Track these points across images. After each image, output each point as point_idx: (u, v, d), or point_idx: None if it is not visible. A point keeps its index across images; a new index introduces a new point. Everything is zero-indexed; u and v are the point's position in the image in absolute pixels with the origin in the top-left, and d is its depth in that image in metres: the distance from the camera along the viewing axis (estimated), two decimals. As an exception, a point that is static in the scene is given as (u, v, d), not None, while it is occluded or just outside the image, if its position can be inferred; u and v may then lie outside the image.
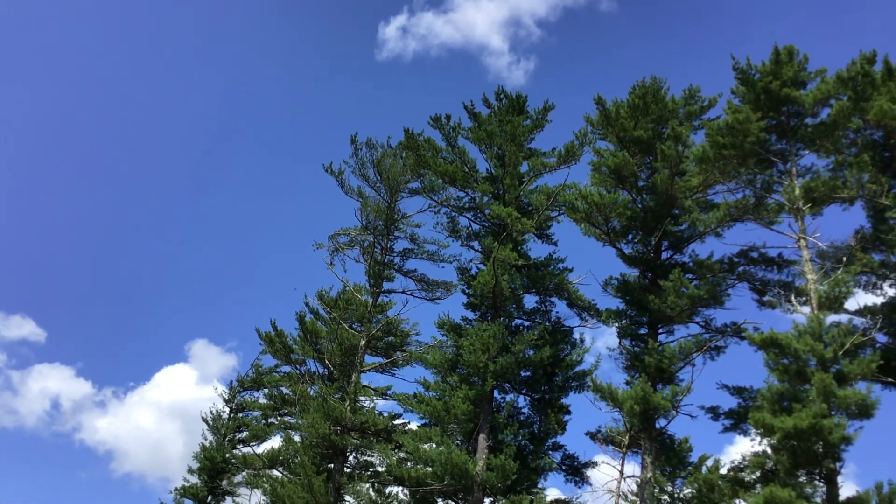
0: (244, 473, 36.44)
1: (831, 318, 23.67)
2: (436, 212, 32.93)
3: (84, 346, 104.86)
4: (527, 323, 30.76)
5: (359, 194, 34.11)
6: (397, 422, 32.66)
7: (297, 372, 35.31)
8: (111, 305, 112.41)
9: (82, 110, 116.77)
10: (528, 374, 29.13)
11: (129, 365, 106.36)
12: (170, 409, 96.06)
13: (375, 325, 33.25)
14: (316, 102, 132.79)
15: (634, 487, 29.57)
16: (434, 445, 26.73)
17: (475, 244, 31.87)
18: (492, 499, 27.37)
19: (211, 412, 41.01)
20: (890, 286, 25.71)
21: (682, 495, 26.84)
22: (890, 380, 23.98)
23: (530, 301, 31.05)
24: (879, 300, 26.00)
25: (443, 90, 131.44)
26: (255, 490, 35.13)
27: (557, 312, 30.87)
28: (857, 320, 25.27)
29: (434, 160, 30.53)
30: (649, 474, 25.91)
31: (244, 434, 40.47)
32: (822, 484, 22.14)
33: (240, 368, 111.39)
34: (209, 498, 38.43)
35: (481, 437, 27.11)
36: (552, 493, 35.76)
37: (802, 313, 24.18)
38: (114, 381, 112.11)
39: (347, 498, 31.64)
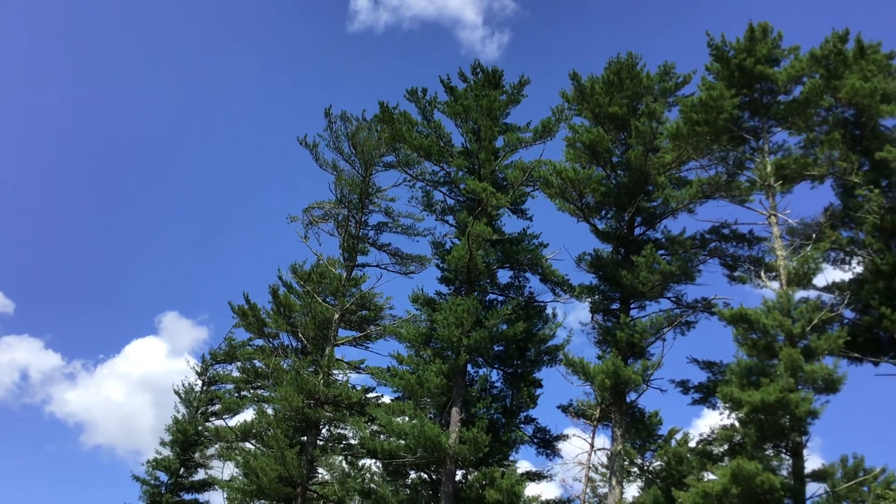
0: (217, 446, 36.38)
1: (800, 293, 24.03)
2: (410, 186, 32.83)
3: (53, 317, 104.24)
4: (500, 298, 30.86)
5: (333, 168, 33.97)
6: (370, 395, 32.76)
7: (271, 345, 35.21)
8: (80, 277, 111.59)
9: (46, 79, 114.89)
10: (502, 348, 29.26)
11: (98, 337, 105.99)
12: (140, 381, 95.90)
13: (349, 299, 33.22)
14: (287, 73, 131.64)
15: (605, 460, 29.98)
16: (407, 419, 26.84)
17: (450, 219, 31.83)
18: (464, 471, 27.59)
19: (183, 385, 40.95)
20: (858, 263, 26.10)
21: (651, 468, 27.25)
22: (856, 355, 24.42)
23: (504, 276, 31.19)
24: (847, 276, 26.44)
25: (415, 64, 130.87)
26: (228, 462, 35.19)
27: (531, 287, 31.02)
28: (826, 296, 25.69)
29: (409, 134, 30.38)
30: (619, 447, 26.23)
31: (217, 407, 40.43)
32: (788, 457, 22.57)
33: (211, 341, 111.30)
34: (181, 470, 38.46)
35: (454, 410, 27.27)
36: (524, 466, 36.19)
37: (772, 289, 24.52)
38: (83, 353, 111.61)
39: (320, 470, 31.88)
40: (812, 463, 22.08)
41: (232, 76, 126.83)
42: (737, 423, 23.17)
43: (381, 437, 27.73)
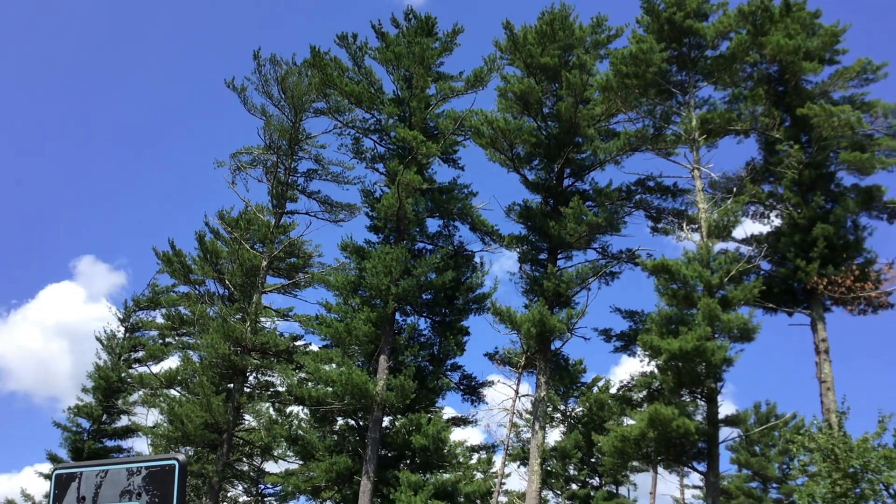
0: (140, 393, 35.83)
1: (719, 245, 24.76)
2: (340, 133, 32.41)
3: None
4: (430, 247, 30.96)
5: (262, 112, 33.19)
6: (298, 343, 32.69)
7: (197, 292, 34.67)
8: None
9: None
10: (430, 296, 29.43)
11: (11, 282, 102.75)
12: (56, 328, 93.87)
13: (278, 247, 32.85)
14: (213, 16, 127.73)
15: (529, 406, 30.65)
16: (335, 366, 26.91)
17: (380, 167, 31.60)
18: (391, 417, 27.90)
19: (104, 331, 40.04)
20: (776, 216, 26.94)
21: (573, 413, 27.96)
22: (771, 305, 25.36)
23: (434, 225, 31.23)
24: (766, 229, 27.32)
25: (337, 8, 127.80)
26: (152, 409, 34.78)
27: (460, 237, 31.17)
28: (744, 248, 26.54)
29: (340, 80, 29.90)
30: (543, 393, 26.82)
31: (140, 354, 39.72)
32: (703, 402, 23.44)
33: (131, 287, 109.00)
34: (104, 417, 37.84)
35: (382, 358, 27.41)
36: (449, 412, 36.70)
37: (693, 241, 25.18)
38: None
39: (247, 417, 31.71)
40: (726, 408, 23.12)
41: (157, 16, 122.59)
42: (656, 371, 23.93)
43: (309, 384, 27.75)
